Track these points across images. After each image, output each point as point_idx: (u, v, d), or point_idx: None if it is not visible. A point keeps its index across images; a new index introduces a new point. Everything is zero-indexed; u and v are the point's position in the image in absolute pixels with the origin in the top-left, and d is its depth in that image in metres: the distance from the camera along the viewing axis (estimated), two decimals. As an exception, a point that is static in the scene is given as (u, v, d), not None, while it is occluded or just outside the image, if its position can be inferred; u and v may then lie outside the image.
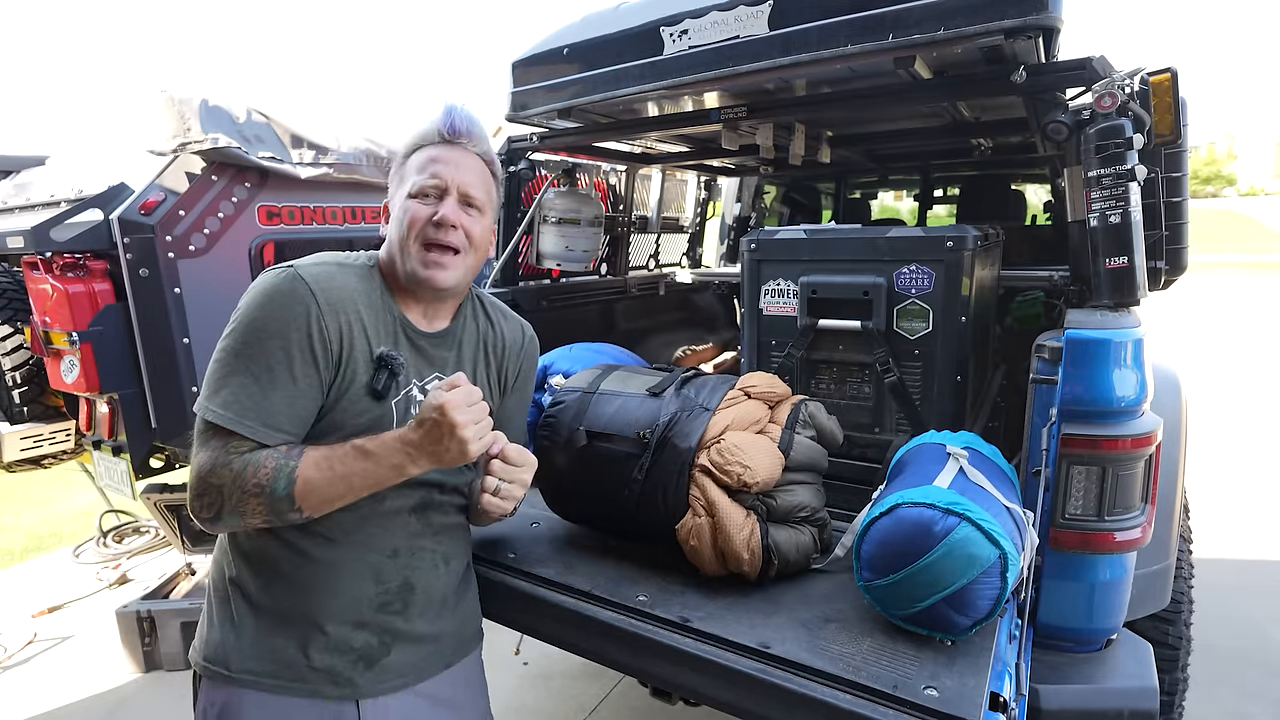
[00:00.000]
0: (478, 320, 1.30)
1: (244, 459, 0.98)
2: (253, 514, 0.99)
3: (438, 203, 1.14)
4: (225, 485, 0.98)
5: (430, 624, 1.20)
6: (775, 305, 1.97)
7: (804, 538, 1.42)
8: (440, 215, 1.12)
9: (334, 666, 1.09)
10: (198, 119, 3.14)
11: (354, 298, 1.10)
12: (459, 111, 1.18)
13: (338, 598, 1.10)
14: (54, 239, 2.90)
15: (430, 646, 1.20)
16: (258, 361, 1.01)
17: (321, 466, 1.00)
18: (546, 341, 2.46)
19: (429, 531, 1.20)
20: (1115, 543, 1.33)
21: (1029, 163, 3.49)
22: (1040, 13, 1.38)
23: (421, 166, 1.15)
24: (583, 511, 1.68)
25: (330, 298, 1.06)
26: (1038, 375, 1.41)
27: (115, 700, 2.69)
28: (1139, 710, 1.31)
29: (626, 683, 2.66)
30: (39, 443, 3.36)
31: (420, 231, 1.12)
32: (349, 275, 1.12)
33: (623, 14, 1.95)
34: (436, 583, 1.21)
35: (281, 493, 0.98)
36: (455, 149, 1.17)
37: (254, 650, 1.08)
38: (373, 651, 1.12)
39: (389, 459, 1.01)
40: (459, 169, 1.15)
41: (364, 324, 1.10)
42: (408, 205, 1.14)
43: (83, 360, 2.87)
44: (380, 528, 1.13)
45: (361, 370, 1.09)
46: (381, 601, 1.13)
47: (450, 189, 1.14)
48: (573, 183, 2.98)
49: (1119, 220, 1.46)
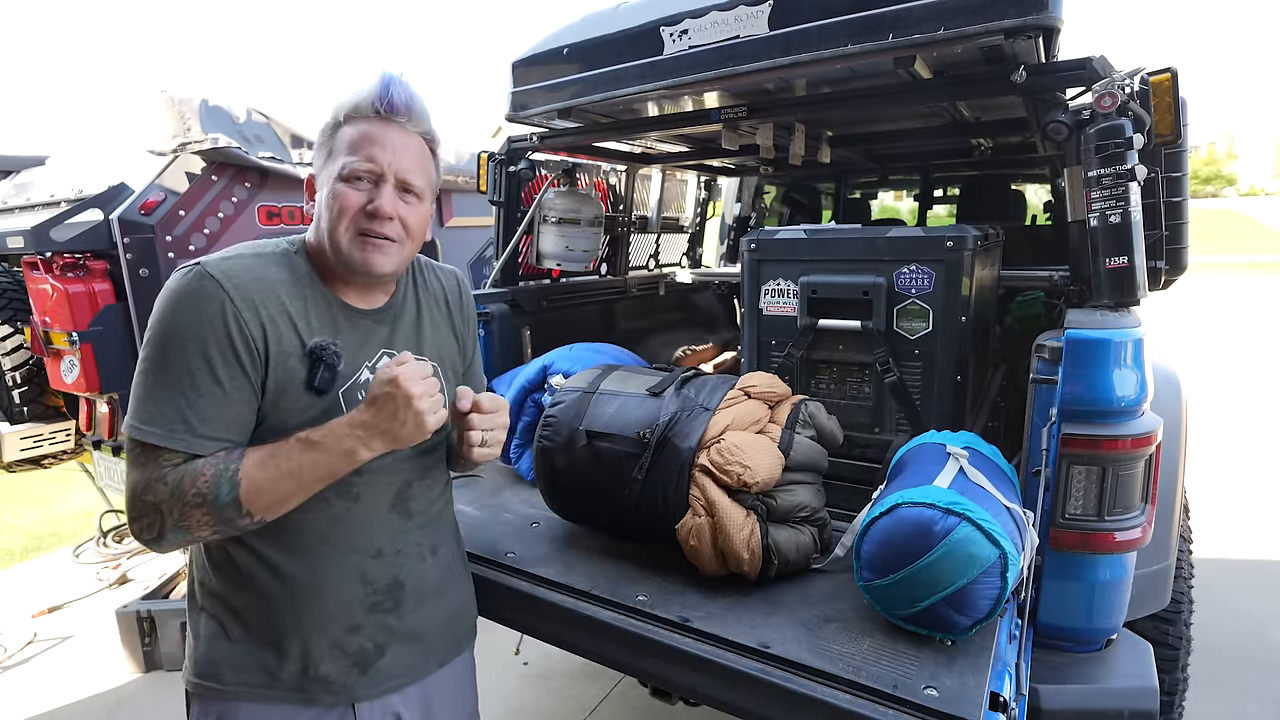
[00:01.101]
0: (416, 286, 1.21)
1: (179, 471, 0.91)
2: (198, 526, 0.92)
3: (372, 189, 1.03)
4: (163, 501, 0.91)
5: (424, 619, 1.15)
6: (775, 305, 1.97)
7: (804, 538, 1.42)
8: (375, 206, 1.02)
9: (329, 674, 1.06)
10: (198, 119, 3.14)
11: (274, 289, 1.01)
12: (398, 84, 1.05)
13: (326, 606, 1.05)
14: (54, 239, 2.90)
15: (425, 644, 1.16)
16: (177, 370, 0.94)
17: (266, 465, 0.93)
18: (546, 341, 2.48)
19: (411, 524, 1.14)
20: (1115, 543, 1.33)
21: (1029, 163, 3.49)
22: (1040, 13, 1.38)
23: (354, 145, 1.03)
24: (583, 511, 1.68)
25: (245, 292, 0.97)
26: (1038, 375, 1.41)
27: (115, 700, 2.68)
28: (1139, 710, 1.31)
29: (626, 683, 2.66)
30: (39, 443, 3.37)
31: (353, 220, 1.02)
32: (267, 264, 1.03)
33: (623, 14, 1.95)
34: (426, 575, 1.16)
35: (225, 499, 0.91)
36: (393, 127, 1.05)
37: (246, 661, 1.05)
38: (368, 655, 1.09)
39: (338, 445, 0.94)
40: (397, 152, 1.04)
41: (290, 315, 1.01)
42: (338, 189, 1.02)
43: (83, 360, 2.88)
44: (359, 528, 1.08)
45: (295, 365, 1.01)
46: (372, 603, 1.09)
47: (386, 175, 1.03)
48: (573, 183, 2.98)
49: (1119, 220, 1.46)
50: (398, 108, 1.05)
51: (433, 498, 1.19)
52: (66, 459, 3.65)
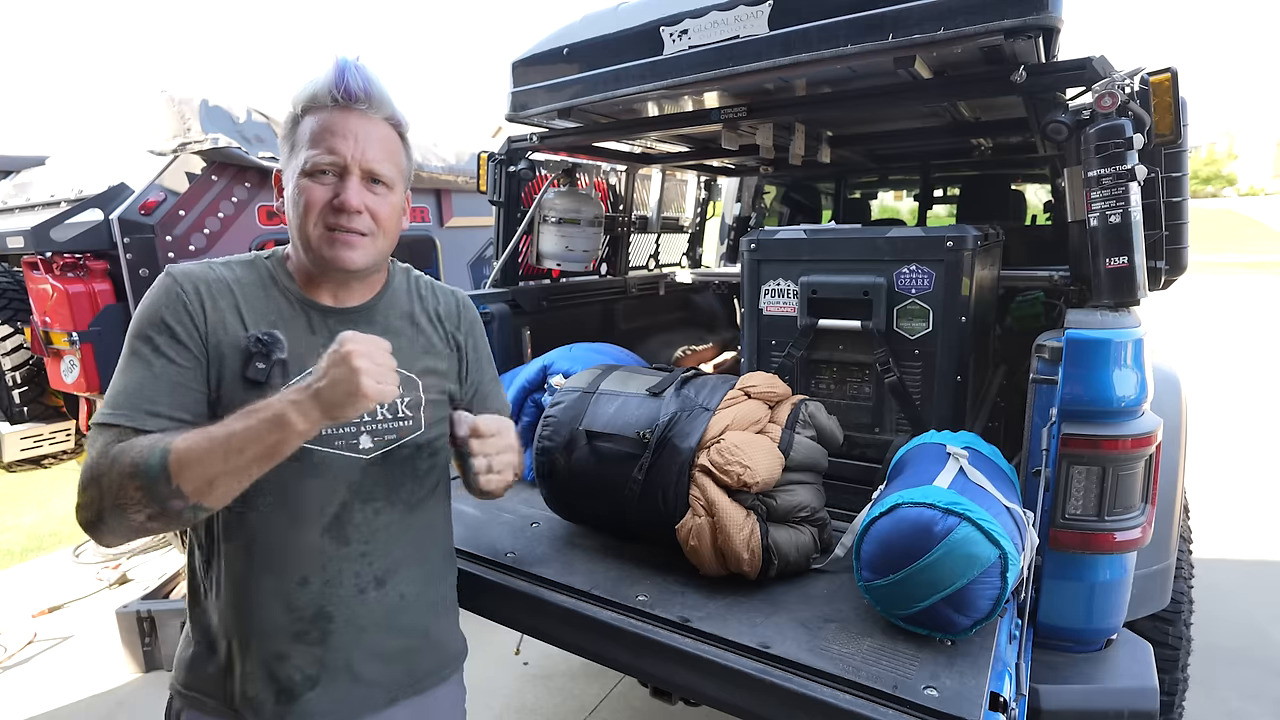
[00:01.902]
0: (410, 294, 1.17)
1: (121, 445, 0.88)
2: (132, 505, 0.86)
3: (337, 182, 0.99)
4: (102, 475, 0.86)
5: (364, 655, 1.06)
6: (775, 305, 1.97)
7: (804, 538, 1.42)
8: (341, 200, 0.98)
9: (257, 696, 1.01)
10: (198, 119, 3.14)
11: (228, 286, 1.01)
12: (354, 69, 1.00)
13: (254, 626, 1.01)
14: (54, 239, 2.91)
15: (366, 682, 1.06)
16: (136, 356, 0.94)
17: (198, 435, 0.86)
18: (546, 341, 2.48)
19: (348, 550, 1.04)
20: (1115, 543, 1.33)
21: (1029, 163, 3.49)
22: (1040, 13, 1.38)
23: (315, 137, 0.99)
24: (583, 511, 1.68)
25: (195, 283, 0.98)
26: (1038, 375, 1.41)
27: (115, 700, 2.68)
28: (1139, 710, 1.31)
29: (626, 683, 2.66)
30: (39, 443, 3.37)
31: (319, 216, 0.99)
32: (232, 268, 1.04)
33: (623, 14, 1.95)
34: (364, 610, 1.05)
35: (155, 468, 0.84)
36: (354, 115, 1.00)
37: (199, 668, 1.05)
38: (295, 685, 1.02)
39: (268, 410, 0.85)
40: (360, 142, 0.99)
41: (239, 310, 1.00)
42: (302, 185, 0.99)
43: (83, 360, 2.88)
44: (286, 551, 1.01)
45: (234, 355, 0.98)
46: (296, 631, 1.02)
47: (351, 166, 0.99)
48: (573, 183, 2.98)
49: (1119, 220, 1.46)
50: (355, 94, 1.00)
51: (381, 525, 1.07)
52: (66, 459, 3.65)
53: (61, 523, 4.43)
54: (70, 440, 3.56)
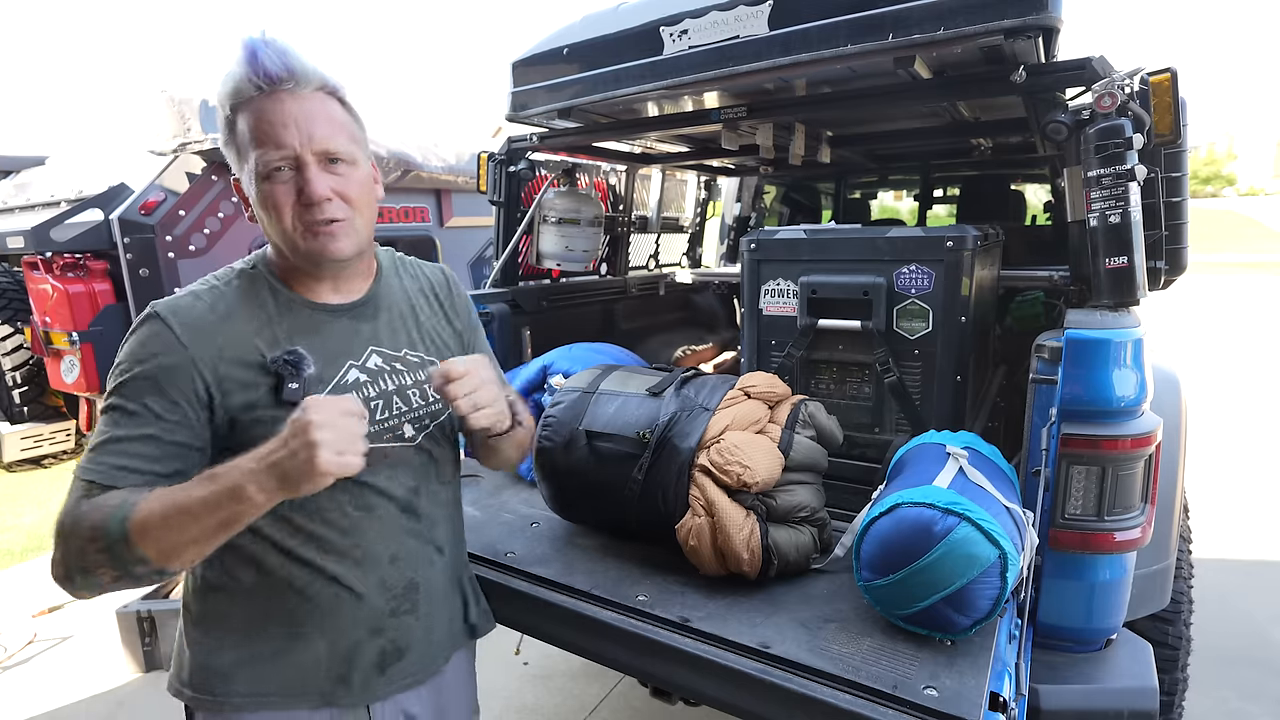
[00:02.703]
0: (401, 278, 1.16)
1: (88, 503, 0.84)
2: (97, 568, 0.82)
3: (296, 175, 0.93)
4: (68, 535, 0.83)
5: (437, 618, 1.15)
6: (775, 305, 1.97)
7: (804, 538, 1.42)
8: (307, 194, 0.93)
9: (348, 676, 1.04)
10: (198, 119, 3.14)
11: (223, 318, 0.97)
12: (265, 49, 0.92)
13: (348, 614, 1.03)
14: (54, 239, 2.91)
15: (437, 642, 1.15)
16: (119, 410, 0.90)
17: (162, 497, 0.83)
18: (546, 341, 2.48)
19: (422, 525, 1.12)
20: (1115, 543, 1.33)
21: (1029, 163, 3.49)
22: (1040, 13, 1.38)
23: (256, 135, 0.92)
24: (583, 511, 1.68)
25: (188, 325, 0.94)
26: (1038, 375, 1.41)
27: (115, 700, 2.68)
28: (1139, 710, 1.31)
29: (626, 683, 2.66)
30: (39, 443, 3.37)
31: (294, 216, 0.95)
32: (215, 296, 0.98)
33: (623, 14, 1.95)
34: (436, 575, 1.14)
35: (115, 532, 0.81)
36: (284, 98, 0.93)
37: (259, 669, 1.01)
38: (387, 656, 1.07)
39: (228, 479, 0.81)
40: (302, 125, 0.93)
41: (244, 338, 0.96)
42: (264, 191, 0.93)
43: (83, 360, 2.88)
44: (375, 536, 1.05)
45: (257, 382, 0.96)
46: (392, 608, 1.07)
47: (303, 155, 0.93)
48: (573, 183, 2.98)
49: (1119, 220, 1.46)
50: (276, 74, 0.92)
51: (441, 500, 1.17)
52: (66, 459, 3.66)
53: (61, 523, 4.43)
54: (70, 440, 3.56)
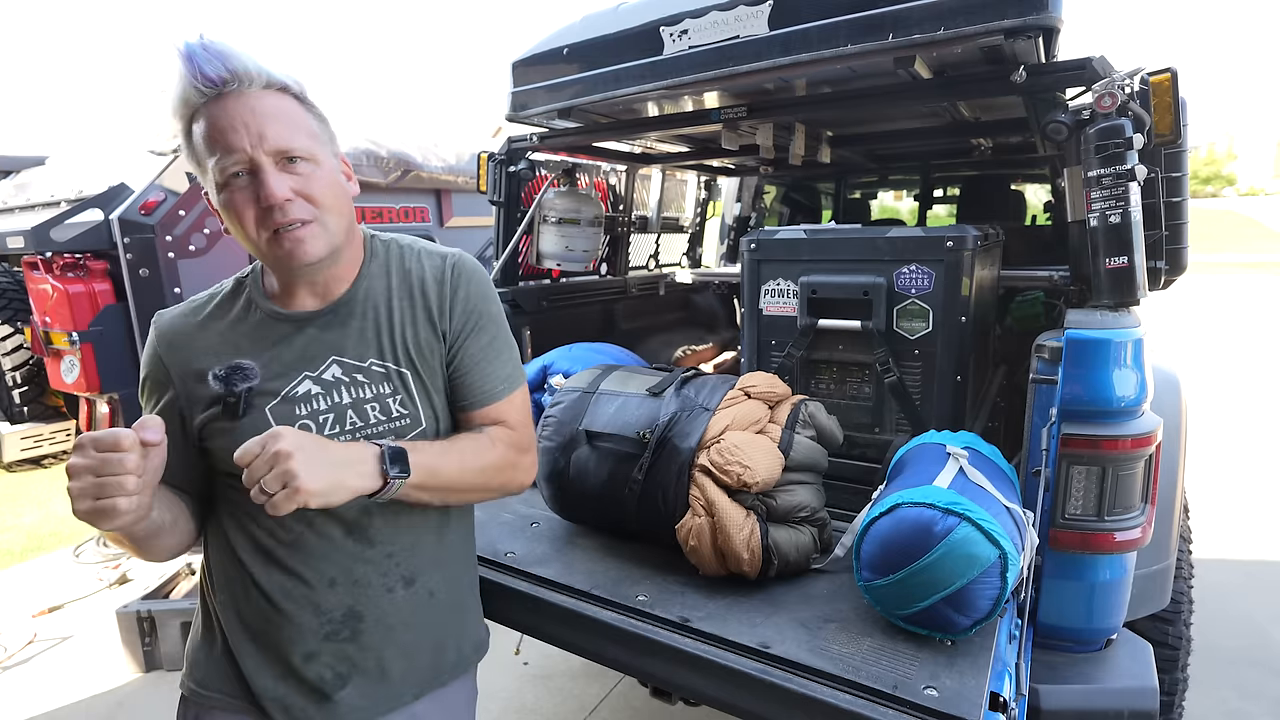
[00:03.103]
0: (389, 274, 1.07)
1: None
2: None
3: (254, 180, 0.90)
4: None
5: (393, 653, 1.05)
6: (775, 305, 1.97)
7: (804, 538, 1.42)
8: (264, 197, 0.89)
9: (286, 698, 1.01)
10: (198, 119, 3.14)
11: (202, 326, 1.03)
12: (202, 52, 0.88)
13: (284, 627, 1.01)
14: (54, 239, 2.90)
15: (394, 678, 1.06)
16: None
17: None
18: (546, 341, 2.48)
19: (374, 552, 1.03)
20: (1115, 543, 1.33)
21: (1029, 163, 3.49)
22: (1040, 13, 1.38)
23: (208, 142, 0.90)
24: (583, 511, 1.68)
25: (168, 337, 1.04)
26: (1038, 375, 1.41)
27: (115, 700, 2.68)
28: (1139, 710, 1.31)
29: (626, 683, 2.66)
30: (39, 443, 3.37)
31: (258, 223, 0.92)
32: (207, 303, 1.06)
33: (623, 14, 1.95)
34: (393, 608, 1.04)
35: None
36: (230, 101, 0.90)
37: (221, 669, 1.05)
38: (325, 685, 1.01)
39: None
40: (251, 126, 0.89)
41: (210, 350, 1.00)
42: (224, 200, 0.91)
43: (83, 360, 2.88)
44: (311, 555, 1.00)
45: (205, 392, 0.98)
46: (327, 631, 1.01)
47: (255, 156, 0.89)
48: (573, 183, 2.98)
49: (1119, 220, 1.46)
50: (217, 76, 0.88)
51: (405, 525, 1.05)
52: (66, 459, 3.66)
53: (61, 523, 4.43)
54: (70, 440, 3.56)
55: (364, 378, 1.02)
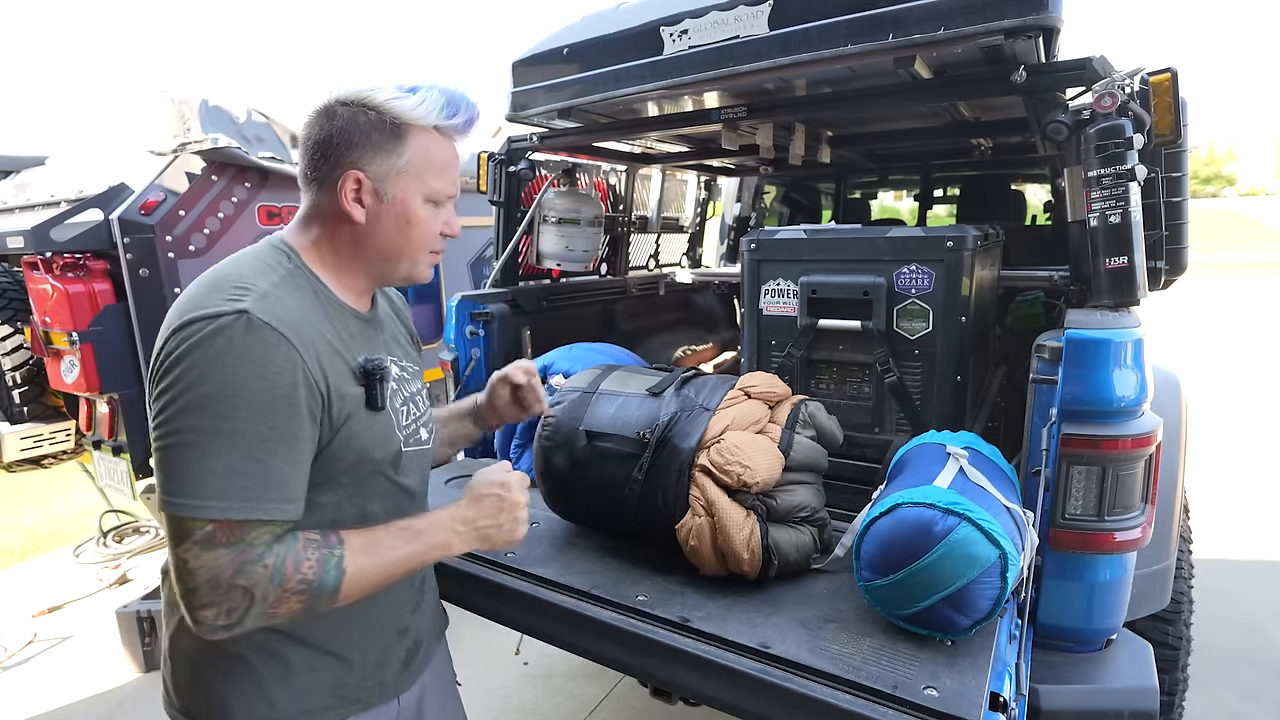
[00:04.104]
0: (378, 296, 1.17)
1: (276, 552, 0.85)
2: (286, 612, 0.87)
3: (446, 209, 1.06)
4: (257, 585, 0.83)
5: (430, 612, 1.23)
6: (775, 305, 1.97)
7: (804, 538, 1.42)
8: (450, 228, 1.07)
9: (384, 678, 1.09)
10: (198, 119, 3.14)
11: (316, 323, 0.95)
12: (473, 108, 1.05)
13: (383, 615, 1.08)
14: (54, 239, 2.90)
15: (435, 629, 1.25)
16: (242, 435, 0.83)
17: (370, 552, 0.92)
18: (546, 341, 2.48)
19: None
20: (1115, 543, 1.33)
21: (1029, 163, 3.49)
22: (1040, 13, 1.38)
23: (444, 169, 1.03)
24: (583, 511, 1.68)
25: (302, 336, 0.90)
26: (1038, 375, 1.41)
27: (115, 700, 2.68)
28: (1139, 710, 1.31)
29: (626, 683, 2.66)
30: (39, 443, 3.36)
31: (431, 243, 1.05)
32: (297, 296, 0.95)
33: (623, 14, 1.95)
34: (429, 571, 1.24)
35: (330, 587, 0.88)
36: (457, 146, 1.07)
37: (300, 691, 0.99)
38: (412, 653, 1.14)
39: (437, 537, 0.98)
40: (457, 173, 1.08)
41: (332, 344, 0.96)
42: (423, 214, 1.02)
43: (83, 360, 2.87)
44: None
45: (353, 391, 0.97)
46: (414, 604, 1.16)
47: (455, 196, 1.08)
48: (573, 183, 2.98)
49: (1119, 220, 1.46)
50: (469, 126, 1.06)
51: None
52: (66, 459, 3.65)
53: (61, 523, 4.43)
54: (70, 440, 3.56)
55: (408, 375, 1.14)
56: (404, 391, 1.10)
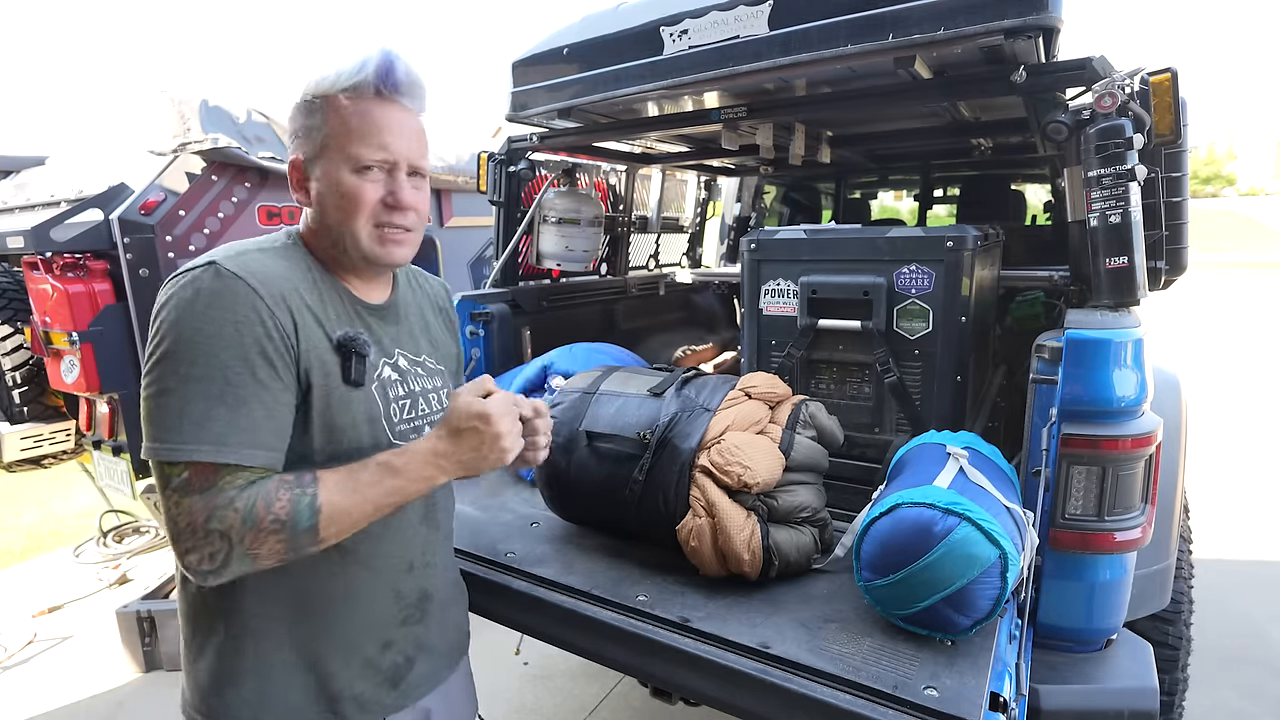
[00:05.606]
0: (413, 288, 1.20)
1: (247, 495, 0.84)
2: (269, 555, 0.86)
3: (387, 179, 0.99)
4: (233, 529, 0.83)
5: (444, 627, 1.17)
6: (775, 305, 1.97)
7: (804, 538, 1.42)
8: (396, 199, 0.99)
9: (362, 693, 1.03)
10: (198, 119, 3.14)
11: (294, 284, 0.96)
12: (401, 62, 0.97)
13: (360, 625, 1.03)
14: (54, 239, 2.90)
15: (444, 651, 1.17)
16: (212, 380, 0.85)
17: (345, 489, 0.89)
18: (546, 341, 2.48)
19: (436, 536, 1.15)
20: (1115, 543, 1.33)
21: (1029, 163, 3.49)
22: (1040, 13, 1.38)
23: (362, 133, 0.96)
24: (583, 512, 1.68)
25: (271, 288, 0.91)
26: (1038, 375, 1.41)
27: (115, 700, 2.68)
28: (1139, 710, 1.31)
29: (626, 683, 2.66)
30: (39, 443, 3.36)
31: (370, 215, 0.98)
32: (276, 260, 0.97)
33: (623, 14, 1.95)
34: (445, 586, 1.18)
35: (305, 525, 0.86)
36: (395, 108, 0.99)
37: (272, 691, 0.98)
38: (399, 669, 1.08)
39: (419, 472, 0.92)
40: (404, 138, 0.99)
41: (312, 310, 0.96)
42: (351, 183, 0.96)
43: (83, 360, 2.88)
44: (394, 544, 1.06)
45: (329, 361, 0.96)
46: (404, 617, 1.08)
47: (400, 164, 0.99)
48: (573, 183, 2.98)
49: (1119, 220, 1.46)
50: (402, 88, 0.98)
51: (450, 509, 1.22)
52: (66, 459, 3.65)
53: (61, 523, 4.43)
54: (70, 440, 3.56)
55: (422, 371, 1.12)
56: (408, 385, 1.08)
